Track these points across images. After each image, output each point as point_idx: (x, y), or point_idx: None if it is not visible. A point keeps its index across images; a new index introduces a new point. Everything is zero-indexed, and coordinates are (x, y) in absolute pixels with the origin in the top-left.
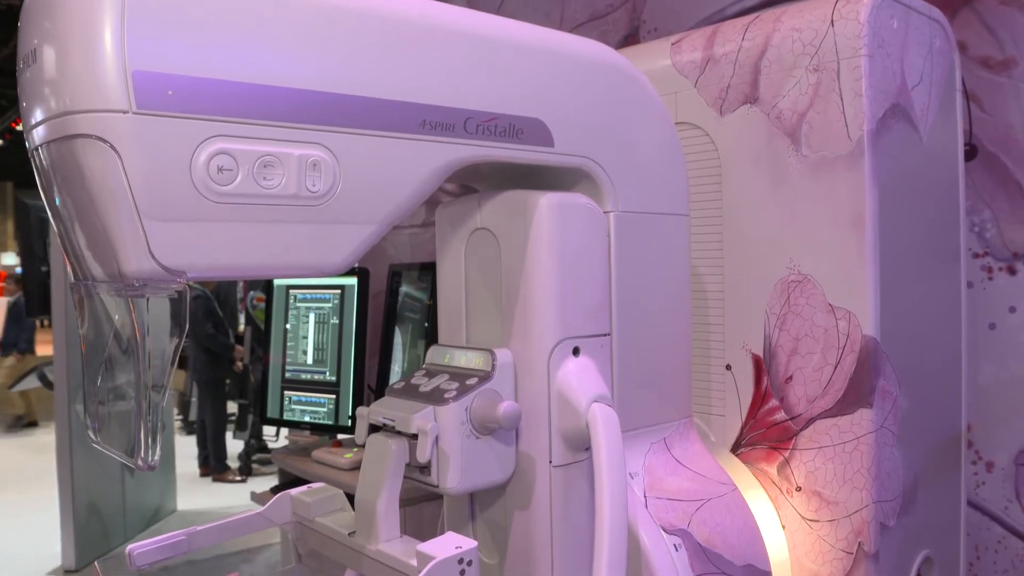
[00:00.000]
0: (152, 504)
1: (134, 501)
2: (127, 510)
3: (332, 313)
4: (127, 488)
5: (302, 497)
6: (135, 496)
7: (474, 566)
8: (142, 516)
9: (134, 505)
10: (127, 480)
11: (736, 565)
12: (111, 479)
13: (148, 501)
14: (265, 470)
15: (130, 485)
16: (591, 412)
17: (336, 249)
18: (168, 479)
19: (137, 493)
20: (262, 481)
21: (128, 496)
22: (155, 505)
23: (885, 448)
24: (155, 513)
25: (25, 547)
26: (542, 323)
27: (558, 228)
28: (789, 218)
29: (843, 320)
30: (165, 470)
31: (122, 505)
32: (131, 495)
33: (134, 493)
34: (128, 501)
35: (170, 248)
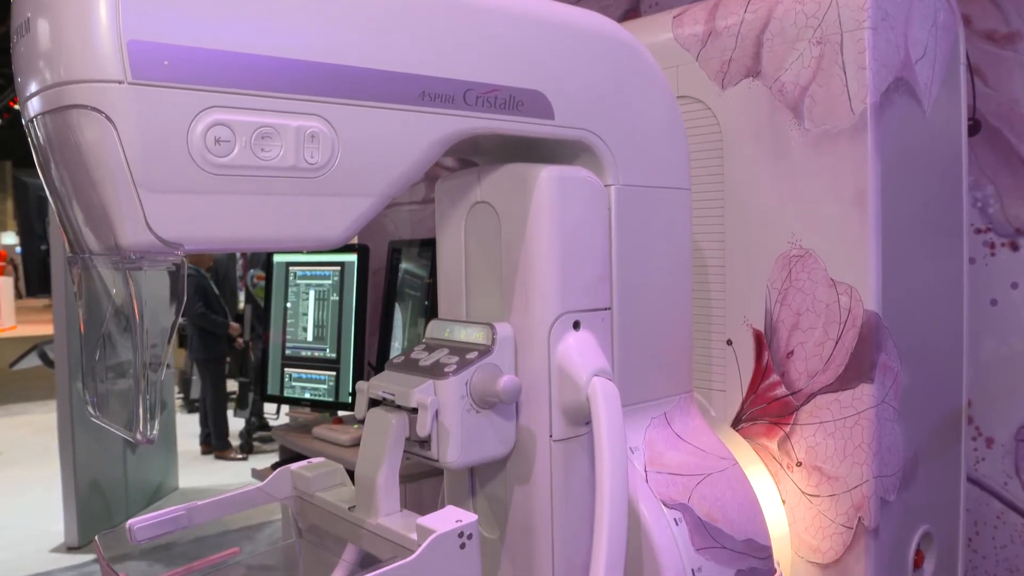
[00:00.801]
0: (154, 482)
1: (136, 479)
2: (129, 488)
3: (332, 290)
4: (128, 466)
5: (302, 472)
6: (137, 474)
7: (474, 540)
8: (144, 493)
9: (136, 483)
10: (128, 458)
11: (736, 539)
12: (112, 457)
13: (150, 479)
14: (266, 448)
15: (132, 463)
16: (591, 386)
17: (335, 221)
18: (169, 457)
19: (139, 471)
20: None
21: (130, 474)
22: (157, 483)
23: (886, 423)
24: (157, 490)
25: (28, 524)
26: (542, 297)
27: (558, 201)
28: (791, 192)
29: (845, 295)
30: (166, 448)
31: (124, 483)
32: (133, 473)
33: (136, 471)
34: (130, 479)
35: (167, 220)
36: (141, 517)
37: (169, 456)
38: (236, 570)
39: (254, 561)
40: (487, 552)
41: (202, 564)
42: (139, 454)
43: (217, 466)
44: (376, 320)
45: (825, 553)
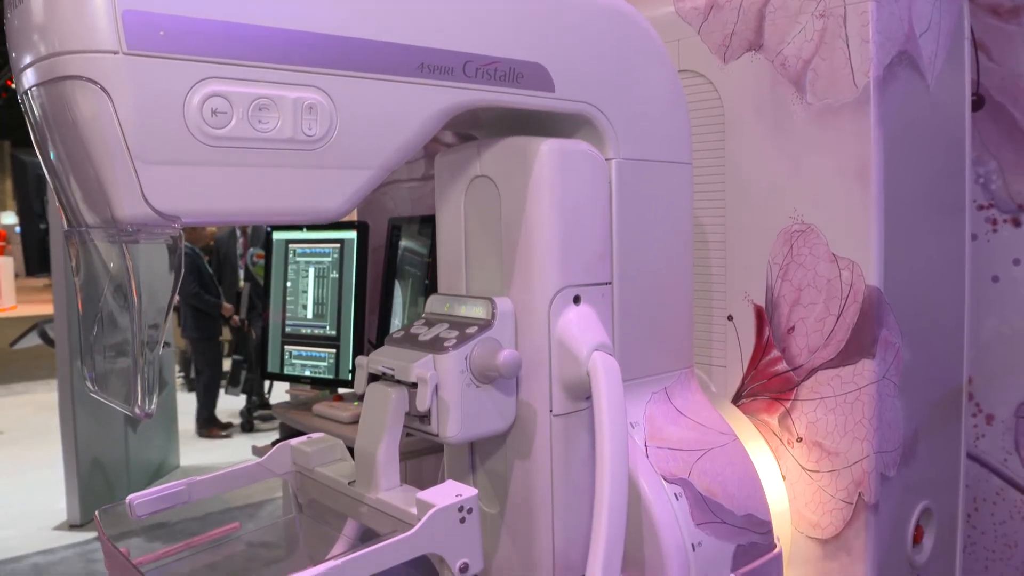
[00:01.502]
0: (155, 460)
1: (137, 457)
2: (130, 466)
3: (332, 267)
4: (130, 444)
5: (302, 447)
6: (138, 452)
7: (474, 514)
8: (145, 472)
9: (137, 461)
10: (129, 436)
11: (736, 515)
12: (113, 436)
13: (151, 457)
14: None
15: (133, 441)
16: (592, 361)
17: (333, 194)
18: (170, 435)
19: (140, 449)
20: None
21: (131, 452)
22: (158, 461)
23: (887, 399)
24: (158, 469)
25: (31, 502)
26: (543, 271)
27: (559, 175)
28: (793, 167)
29: (846, 270)
30: (167, 426)
31: (125, 461)
32: (134, 451)
33: (137, 449)
34: (131, 457)
35: (164, 192)
36: (141, 492)
37: (170, 434)
38: (237, 545)
39: (255, 536)
40: (487, 527)
41: (203, 539)
42: (140, 432)
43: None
44: (376, 297)
45: (825, 528)
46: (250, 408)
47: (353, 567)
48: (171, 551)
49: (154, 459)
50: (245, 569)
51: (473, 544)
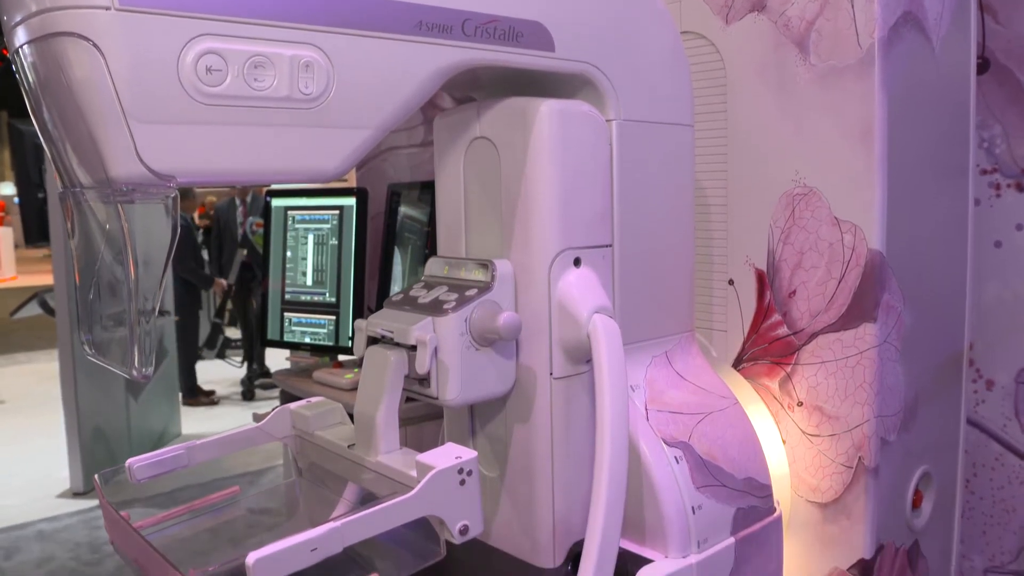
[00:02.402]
0: (157, 428)
1: (139, 425)
2: (132, 434)
3: (331, 234)
4: (131, 413)
5: (301, 411)
6: (139, 420)
7: (474, 476)
8: (147, 440)
9: (139, 429)
10: (131, 405)
11: (737, 478)
12: (115, 404)
13: (152, 425)
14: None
15: (134, 410)
16: (592, 323)
17: (330, 154)
18: (172, 404)
19: (141, 417)
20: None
21: (133, 420)
22: (160, 429)
23: (888, 363)
24: (160, 437)
25: (35, 471)
26: (542, 233)
27: (559, 136)
28: (796, 129)
29: (848, 234)
30: (168, 395)
31: (127, 429)
32: (135, 419)
33: (138, 417)
34: (133, 425)
35: (158, 151)
36: (140, 456)
37: (171, 403)
38: (237, 509)
39: (255, 500)
40: (487, 491)
41: (203, 503)
42: (141, 401)
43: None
44: (376, 264)
45: (825, 492)
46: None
47: (353, 529)
48: (171, 515)
49: (156, 427)
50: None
51: (473, 506)
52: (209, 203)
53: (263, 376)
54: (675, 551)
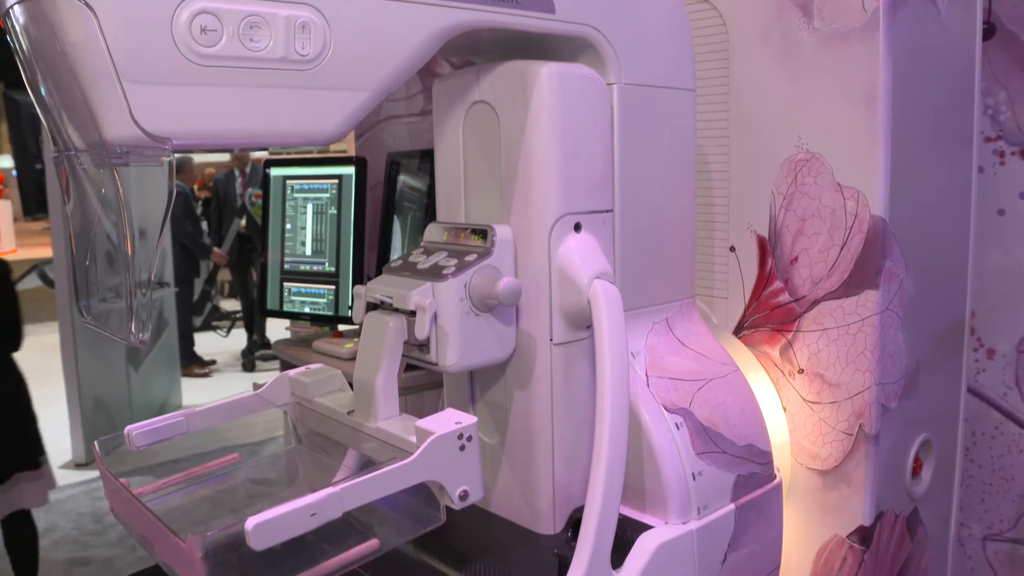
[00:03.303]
0: (157, 399)
1: (139, 396)
2: (133, 405)
3: (330, 203)
4: (132, 384)
5: (300, 378)
6: (140, 391)
7: (474, 441)
8: (148, 411)
9: (139, 400)
10: (132, 376)
11: (737, 445)
12: (116, 376)
13: (153, 396)
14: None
15: (135, 381)
16: (593, 289)
17: (328, 116)
18: (172, 375)
19: (142, 389)
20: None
21: (133, 392)
22: (160, 400)
23: (889, 330)
24: (161, 408)
25: None
26: (543, 198)
27: (559, 100)
28: (799, 94)
29: (851, 200)
30: (169, 366)
31: (128, 400)
32: (136, 391)
33: (139, 389)
34: (134, 396)
35: (153, 113)
36: (139, 423)
37: (172, 374)
38: (237, 476)
39: (254, 467)
40: (487, 458)
41: (202, 470)
42: (142, 372)
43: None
44: (375, 234)
45: (825, 460)
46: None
47: (352, 493)
48: (171, 481)
49: (156, 398)
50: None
51: (473, 472)
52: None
53: (264, 347)
54: (675, 517)
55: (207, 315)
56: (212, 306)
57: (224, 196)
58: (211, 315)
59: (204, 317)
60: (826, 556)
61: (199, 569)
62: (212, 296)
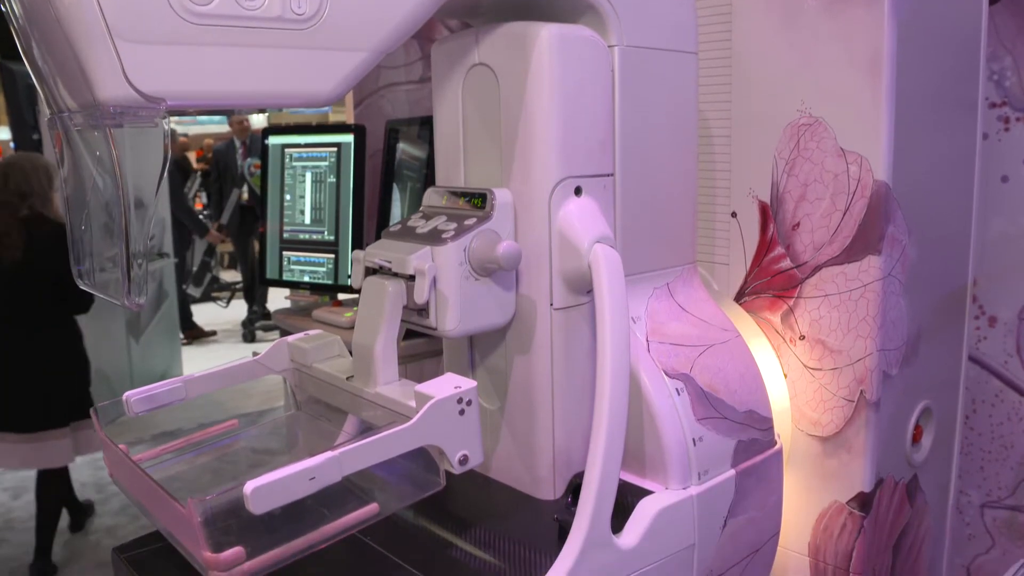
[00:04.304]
0: (158, 370)
1: (140, 367)
2: (134, 375)
3: (329, 171)
4: (132, 355)
5: (300, 343)
6: (141, 363)
7: (473, 406)
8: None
9: (140, 370)
10: (132, 347)
11: (738, 410)
12: (116, 346)
13: (154, 367)
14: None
15: (135, 352)
16: (593, 253)
17: (325, 77)
18: (173, 346)
19: (142, 359)
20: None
21: (134, 363)
22: (161, 371)
23: (891, 296)
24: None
25: None
26: (543, 161)
27: (559, 62)
28: (802, 59)
29: (854, 164)
30: (170, 337)
31: (129, 371)
32: (137, 362)
33: (140, 360)
34: (134, 368)
35: (147, 72)
36: (138, 390)
37: (173, 345)
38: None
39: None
40: (487, 423)
41: (201, 436)
42: (143, 343)
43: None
44: (374, 202)
45: (825, 426)
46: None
47: (351, 458)
48: (170, 448)
49: (157, 369)
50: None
51: (472, 436)
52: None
53: (264, 318)
54: (675, 483)
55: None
56: (212, 277)
57: (224, 167)
58: (211, 286)
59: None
60: (826, 522)
61: (199, 534)
62: (212, 267)
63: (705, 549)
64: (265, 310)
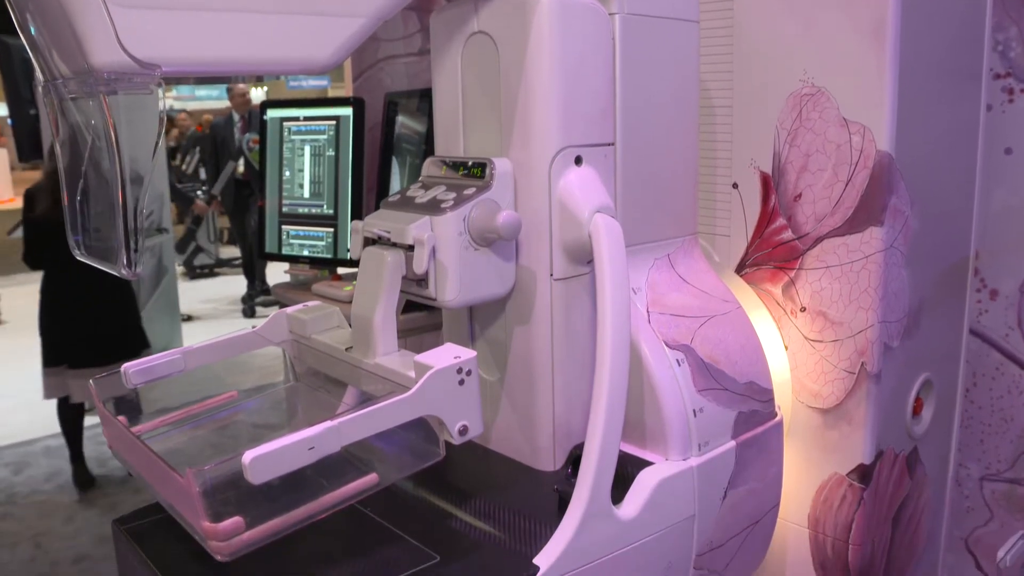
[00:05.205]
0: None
1: None
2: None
3: (328, 145)
4: None
5: (298, 315)
6: None
7: (473, 376)
8: None
9: None
10: None
11: (738, 382)
12: None
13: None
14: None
15: None
16: (594, 223)
17: (323, 43)
18: (173, 322)
19: None
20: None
21: None
22: (161, 347)
23: (893, 268)
24: None
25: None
26: (543, 130)
27: (559, 29)
28: (805, 27)
29: (857, 135)
30: (170, 313)
31: None
32: None
33: None
34: None
35: (140, 37)
36: (136, 361)
37: (173, 321)
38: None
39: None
40: (487, 394)
41: (200, 408)
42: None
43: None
44: (374, 176)
45: (826, 398)
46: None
47: (350, 427)
48: (169, 420)
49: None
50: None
51: (472, 407)
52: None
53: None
54: (676, 454)
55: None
56: (196, 246)
57: (222, 141)
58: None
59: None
60: (826, 494)
61: (197, 504)
62: (196, 235)
63: (705, 520)
64: (265, 286)
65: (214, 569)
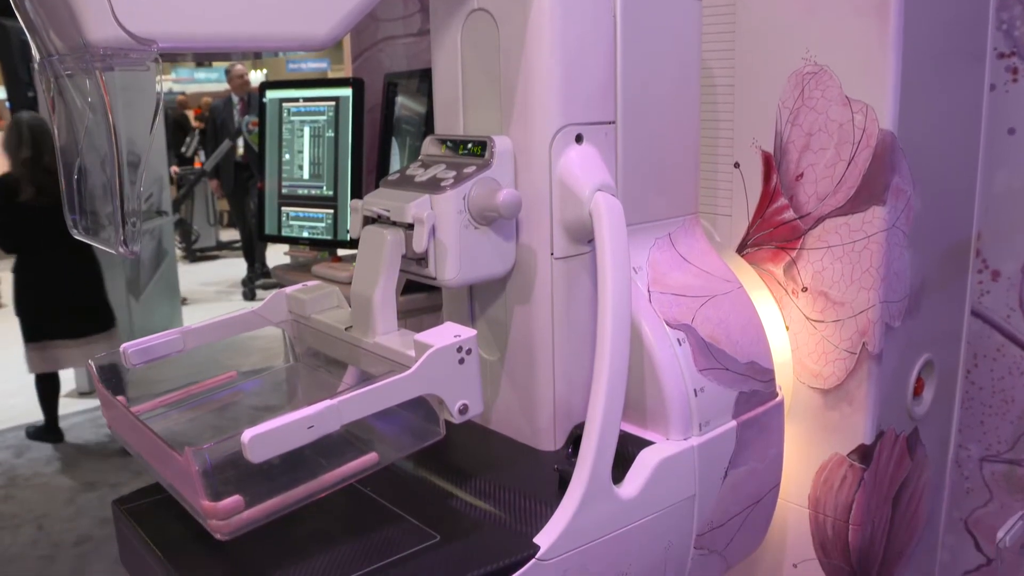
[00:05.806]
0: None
1: (141, 325)
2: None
3: (327, 126)
4: (133, 313)
5: (298, 295)
6: (141, 321)
7: (473, 355)
8: None
9: (141, 329)
10: (132, 305)
11: (739, 362)
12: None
13: (154, 325)
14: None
15: (136, 310)
16: (594, 201)
17: (321, 19)
18: (173, 304)
19: (143, 318)
20: None
21: (134, 321)
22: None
23: (895, 248)
24: None
25: None
26: (543, 108)
27: (560, 6)
28: (807, 5)
29: (859, 114)
30: (170, 295)
31: (129, 329)
32: (137, 320)
33: (140, 318)
34: (135, 325)
35: (136, 13)
36: (135, 341)
37: (173, 304)
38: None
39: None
40: (487, 374)
41: (200, 388)
42: (143, 301)
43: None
44: (373, 157)
45: (827, 379)
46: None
47: (350, 406)
48: (168, 400)
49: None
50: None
51: (472, 385)
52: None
53: (264, 276)
54: (676, 433)
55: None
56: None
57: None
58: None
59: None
60: (826, 474)
61: (197, 483)
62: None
63: (705, 500)
64: (265, 268)
65: (214, 548)
